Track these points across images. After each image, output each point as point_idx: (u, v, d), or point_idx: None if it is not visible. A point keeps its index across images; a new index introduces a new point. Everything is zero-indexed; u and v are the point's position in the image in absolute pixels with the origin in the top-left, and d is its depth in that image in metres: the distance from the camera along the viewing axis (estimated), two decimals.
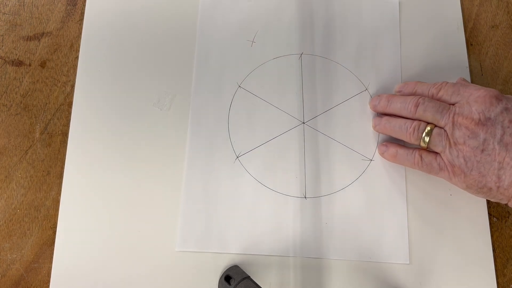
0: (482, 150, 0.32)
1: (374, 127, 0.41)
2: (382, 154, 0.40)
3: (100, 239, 0.38)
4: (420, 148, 0.37)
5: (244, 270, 0.37)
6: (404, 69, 0.43)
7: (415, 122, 0.36)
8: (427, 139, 0.35)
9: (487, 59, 0.45)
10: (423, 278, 0.38)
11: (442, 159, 0.35)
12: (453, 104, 0.35)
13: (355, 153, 0.41)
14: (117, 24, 0.44)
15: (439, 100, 0.36)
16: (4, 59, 0.43)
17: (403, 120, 0.37)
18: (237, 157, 0.40)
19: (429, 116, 0.35)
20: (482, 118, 0.32)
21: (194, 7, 0.45)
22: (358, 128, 0.41)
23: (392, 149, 0.39)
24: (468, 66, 0.44)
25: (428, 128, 0.35)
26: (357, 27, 0.45)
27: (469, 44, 0.45)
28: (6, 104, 0.41)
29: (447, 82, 0.37)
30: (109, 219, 0.38)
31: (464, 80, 0.39)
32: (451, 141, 0.34)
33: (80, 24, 0.44)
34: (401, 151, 0.38)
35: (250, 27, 0.44)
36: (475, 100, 0.33)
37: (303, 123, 0.41)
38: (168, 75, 0.42)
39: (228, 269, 0.36)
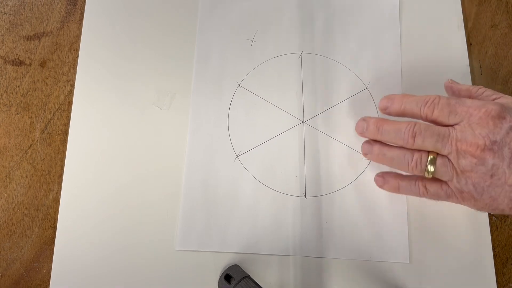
0: (492, 175, 0.30)
1: (365, 155, 0.37)
2: (381, 186, 0.37)
3: (100, 239, 0.38)
4: (422, 177, 0.34)
5: (244, 270, 0.37)
6: (404, 68, 0.43)
7: (416, 154, 0.33)
8: (431, 169, 0.32)
9: (487, 58, 0.45)
10: (423, 278, 0.38)
11: (449, 187, 0.32)
12: (452, 126, 0.32)
13: (355, 152, 0.41)
14: (117, 24, 0.44)
15: (435, 122, 0.33)
16: (5, 59, 0.43)
17: (401, 152, 0.34)
18: (237, 156, 0.40)
19: (429, 146, 0.32)
20: (487, 143, 0.30)
21: (194, 7, 0.45)
22: None
23: (393, 182, 0.36)
24: (468, 65, 0.44)
25: (431, 157, 0.32)
26: (357, 26, 0.45)
27: (468, 43, 0.45)
28: (7, 104, 0.41)
29: (440, 97, 0.33)
30: (109, 219, 0.38)
31: (453, 82, 0.37)
32: (458, 170, 0.31)
33: (80, 24, 0.44)
34: (403, 184, 0.35)
35: (250, 26, 0.44)
36: (477, 122, 0.30)
37: (303, 122, 0.41)
38: (168, 74, 0.42)
39: (228, 268, 0.36)
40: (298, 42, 0.44)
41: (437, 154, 0.32)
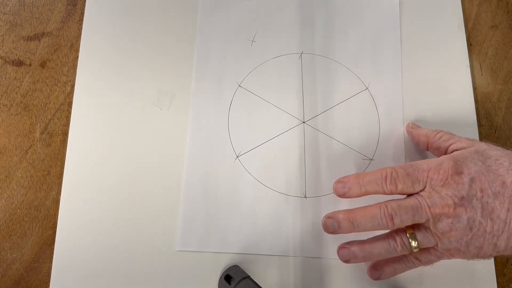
0: (471, 228, 0.30)
1: (347, 261, 0.35)
2: (378, 279, 0.36)
3: (100, 239, 0.38)
4: (411, 251, 0.33)
5: (244, 270, 0.37)
6: (405, 68, 0.43)
7: (397, 238, 0.33)
8: (415, 244, 0.32)
9: (487, 59, 0.45)
10: (423, 278, 0.37)
11: (437, 249, 0.33)
12: (418, 193, 0.32)
13: (355, 153, 0.41)
14: (117, 24, 0.44)
15: (400, 193, 0.33)
16: (5, 59, 0.43)
17: (385, 242, 0.33)
18: (237, 157, 0.40)
19: (408, 222, 0.32)
20: (456, 200, 0.30)
21: (194, 7, 0.45)
22: (359, 127, 0.41)
23: (388, 269, 0.35)
24: (468, 65, 0.44)
25: (410, 233, 0.32)
26: (358, 26, 0.45)
27: (469, 44, 0.45)
28: (7, 104, 0.41)
29: (394, 170, 0.33)
30: (109, 219, 0.38)
31: (413, 126, 0.40)
32: (438, 234, 0.31)
33: (80, 24, 0.44)
34: (398, 266, 0.35)
35: (250, 26, 0.44)
36: (440, 185, 0.31)
37: (303, 122, 0.41)
38: (168, 74, 0.42)
39: (228, 269, 0.36)
40: (298, 42, 0.44)
41: (413, 228, 0.33)
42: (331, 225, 0.34)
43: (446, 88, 0.43)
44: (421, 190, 0.32)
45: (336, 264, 0.38)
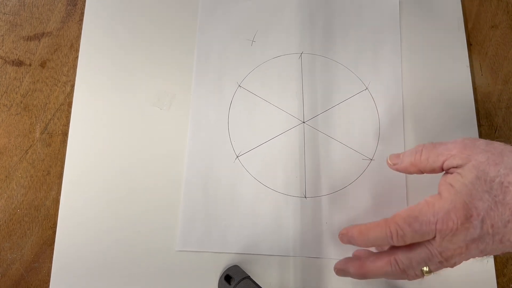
0: (481, 252, 0.30)
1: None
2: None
3: (100, 239, 0.38)
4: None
5: (244, 270, 0.37)
6: (405, 69, 0.43)
7: (412, 274, 0.32)
8: (426, 269, 0.31)
9: (487, 59, 0.45)
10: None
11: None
12: (428, 240, 0.30)
13: (355, 153, 0.41)
14: (117, 24, 0.44)
15: (411, 250, 0.31)
16: (4, 59, 0.43)
17: (400, 275, 0.32)
18: (237, 157, 0.40)
19: (422, 269, 0.31)
20: (469, 243, 0.29)
21: (194, 7, 0.45)
22: (359, 127, 0.41)
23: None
24: (468, 65, 0.44)
25: (425, 269, 0.31)
26: (358, 26, 0.45)
27: (469, 44, 0.45)
28: (6, 104, 0.41)
29: (400, 227, 0.30)
30: (108, 219, 0.38)
31: (392, 160, 0.35)
32: (449, 264, 0.30)
33: (80, 24, 0.44)
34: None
35: (250, 26, 0.44)
36: (450, 235, 0.29)
37: (303, 122, 0.41)
38: (168, 74, 0.42)
39: (228, 269, 0.36)
40: (298, 42, 0.44)
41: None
42: (342, 274, 0.35)
43: (446, 88, 0.43)
44: (432, 239, 0.30)
45: None
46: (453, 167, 0.30)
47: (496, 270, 0.38)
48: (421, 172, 0.33)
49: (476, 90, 0.44)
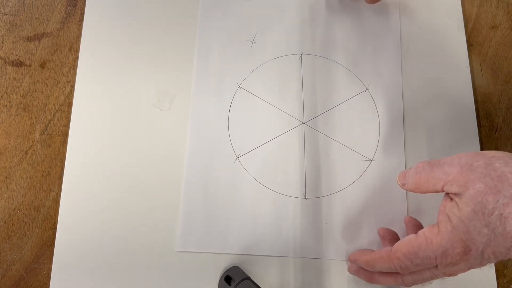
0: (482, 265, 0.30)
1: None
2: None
3: (100, 240, 0.38)
4: None
5: (244, 271, 0.37)
6: (405, 69, 0.43)
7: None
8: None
9: (487, 59, 0.45)
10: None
11: None
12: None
13: (355, 154, 0.41)
14: (117, 25, 0.44)
15: (415, 272, 0.32)
16: (4, 60, 0.43)
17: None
18: (237, 158, 0.40)
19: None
20: (471, 267, 0.29)
21: (194, 7, 0.45)
22: (359, 128, 0.41)
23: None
24: (468, 66, 0.44)
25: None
26: (358, 26, 0.45)
27: (469, 44, 0.45)
28: (6, 105, 0.41)
29: (401, 262, 0.31)
30: (109, 220, 0.38)
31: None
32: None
33: (80, 25, 0.44)
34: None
35: (250, 27, 0.44)
36: (451, 265, 0.29)
37: (303, 123, 0.41)
38: (168, 75, 0.42)
39: (228, 270, 0.36)
40: (298, 43, 0.44)
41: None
42: (354, 274, 0.37)
43: (446, 89, 0.43)
44: (439, 265, 0.30)
45: (336, 265, 0.38)
46: (452, 193, 0.30)
47: (496, 270, 0.38)
48: (427, 193, 0.33)
49: (476, 90, 0.44)
